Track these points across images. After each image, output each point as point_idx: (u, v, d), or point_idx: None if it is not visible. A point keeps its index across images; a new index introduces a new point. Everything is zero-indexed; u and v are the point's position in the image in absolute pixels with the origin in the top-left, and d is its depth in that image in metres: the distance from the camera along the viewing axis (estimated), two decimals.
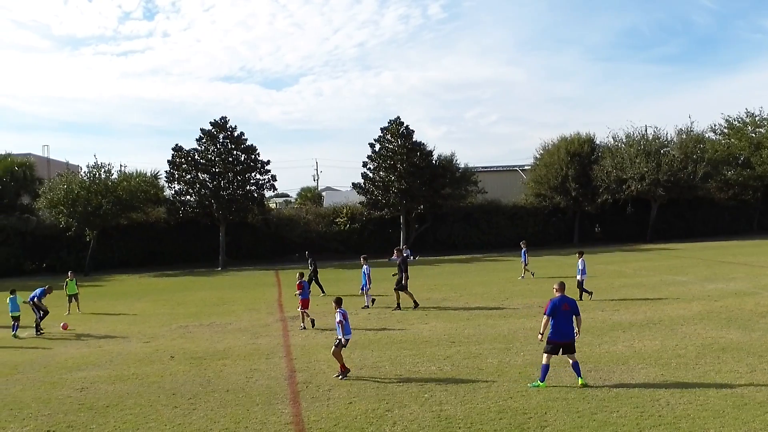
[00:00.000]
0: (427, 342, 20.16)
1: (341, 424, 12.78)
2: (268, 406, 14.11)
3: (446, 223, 64.76)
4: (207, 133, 58.59)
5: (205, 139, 58.63)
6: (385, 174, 61.26)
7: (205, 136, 58.60)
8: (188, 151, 58.52)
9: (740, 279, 31.77)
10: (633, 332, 20.22)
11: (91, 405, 14.80)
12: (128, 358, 19.91)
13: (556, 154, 66.95)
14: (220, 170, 57.90)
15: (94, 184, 54.05)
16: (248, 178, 59.03)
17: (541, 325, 15.10)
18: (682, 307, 24.27)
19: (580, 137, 68.48)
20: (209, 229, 58.87)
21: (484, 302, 28.11)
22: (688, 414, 12.32)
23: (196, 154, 58.47)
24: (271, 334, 23.00)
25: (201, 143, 58.78)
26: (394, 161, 60.89)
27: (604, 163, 64.66)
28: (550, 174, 65.90)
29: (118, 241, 57.60)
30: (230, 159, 58.33)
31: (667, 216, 67.31)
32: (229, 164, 58.00)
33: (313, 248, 58.38)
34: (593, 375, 15.24)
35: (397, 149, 61.35)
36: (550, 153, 68.19)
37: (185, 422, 13.30)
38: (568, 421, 12.29)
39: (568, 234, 66.71)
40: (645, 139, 65.97)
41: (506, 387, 14.64)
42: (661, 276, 34.44)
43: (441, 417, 12.83)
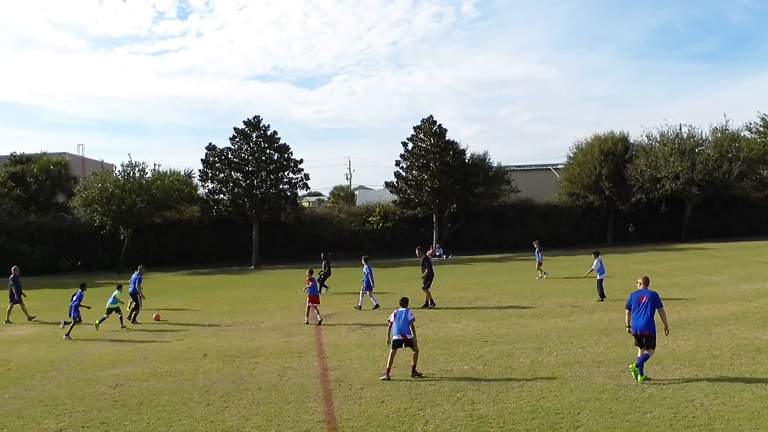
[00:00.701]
0: (460, 341, 20.13)
1: (373, 422, 12.79)
2: (300, 404, 14.15)
3: (479, 222, 64.62)
4: (240, 132, 58.82)
5: (238, 138, 58.86)
6: (417, 173, 61.25)
7: (238, 135, 58.83)
8: (222, 150, 58.76)
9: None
10: None
11: (125, 402, 14.91)
12: (162, 355, 20.03)
13: (589, 152, 66.64)
14: (253, 169, 58.13)
15: (128, 182, 54.46)
16: (281, 176, 59.17)
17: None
18: (717, 308, 24.08)
19: (614, 136, 68.11)
20: (242, 227, 59.11)
21: (516, 301, 28.03)
22: (722, 415, 12.23)
23: (230, 153, 58.70)
24: (304, 332, 23.05)
25: (234, 142, 59.03)
26: (426, 160, 60.85)
27: (638, 162, 64.24)
28: (583, 173, 65.62)
29: (152, 239, 57.95)
30: (263, 158, 58.51)
31: (702, 215, 66.75)
32: (262, 163, 58.19)
33: (346, 247, 58.73)
34: (626, 375, 15.14)
35: (429, 148, 61.33)
36: (583, 152, 67.89)
37: (218, 420, 13.36)
38: (601, 421, 12.22)
39: (602, 233, 66.39)
40: (679, 138, 65.48)
41: (539, 386, 14.59)
42: (695, 276, 34.18)
43: (473, 416, 12.81)
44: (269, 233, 60.07)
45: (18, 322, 28.55)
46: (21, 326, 27.30)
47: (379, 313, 26.30)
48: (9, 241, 54.67)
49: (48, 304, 34.34)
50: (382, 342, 20.09)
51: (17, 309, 29.65)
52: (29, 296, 31.79)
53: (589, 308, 25.15)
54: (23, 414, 14.35)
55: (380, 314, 25.95)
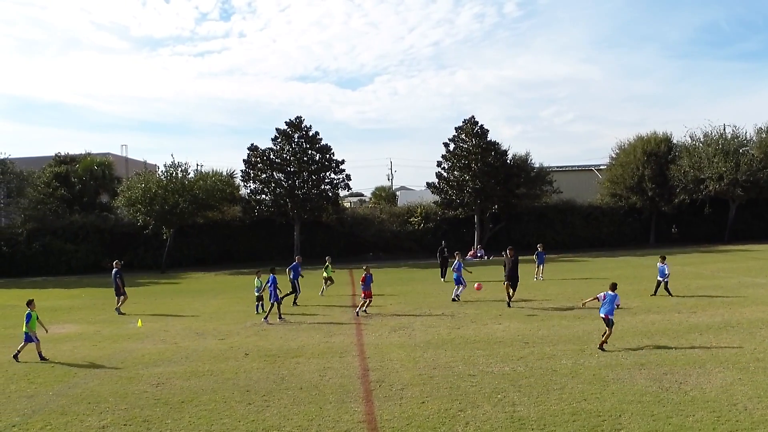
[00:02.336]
0: (501, 342, 20.07)
1: (414, 423, 12.79)
2: (340, 404, 14.18)
3: (521, 222, 64.38)
4: (282, 132, 59.09)
5: (280, 139, 59.14)
6: (459, 173, 61.21)
7: (280, 136, 59.11)
8: (264, 150, 59.08)
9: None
10: (710, 335, 19.91)
11: (167, 400, 15.02)
12: (203, 354, 20.15)
13: (632, 153, 66.21)
14: (295, 169, 58.36)
15: (171, 182, 54.86)
16: (323, 177, 59.39)
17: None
18: (761, 310, 23.83)
19: (656, 136, 67.59)
20: (284, 227, 59.36)
21: (558, 303, 27.90)
22: (766, 420, 12.11)
23: (272, 154, 58.99)
24: (345, 332, 23.08)
25: (276, 143, 59.31)
26: (468, 161, 60.77)
27: (682, 163, 63.71)
28: (626, 173, 65.22)
29: (194, 239, 58.39)
30: (305, 158, 58.76)
31: (746, 216, 66.08)
32: (304, 163, 58.42)
33: (387, 248, 58.73)
34: (668, 378, 15.05)
35: (471, 149, 61.22)
36: (626, 152, 67.46)
37: (258, 419, 13.43)
38: (642, 424, 12.15)
39: (645, 234, 65.89)
40: (723, 138, 64.80)
41: (580, 389, 14.52)
42: (739, 278, 33.85)
43: (514, 418, 12.78)
44: (311, 233, 60.26)
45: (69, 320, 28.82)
46: (65, 324, 27.53)
47: (421, 313, 26.32)
48: (53, 241, 55.39)
49: (92, 302, 34.67)
50: (423, 342, 20.18)
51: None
52: (74, 294, 32.08)
53: (631, 310, 24.97)
54: (66, 411, 14.51)
55: (421, 315, 25.97)
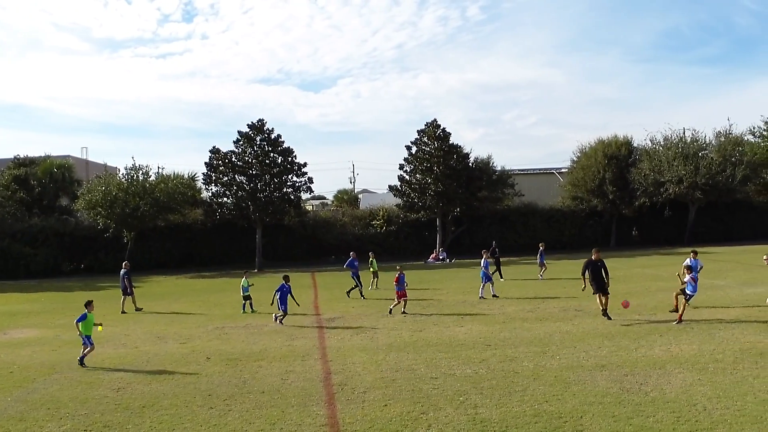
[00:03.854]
0: (463, 345, 20.11)
1: (376, 426, 12.78)
2: (303, 407, 14.14)
3: (483, 225, 64.64)
4: (244, 135, 58.97)
5: (242, 141, 59.01)
6: (421, 176, 61.45)
7: (242, 138, 58.99)
8: (225, 153, 58.95)
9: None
10: (670, 336, 20.07)
11: (128, 405, 14.90)
12: (164, 358, 20.03)
13: (593, 156, 66.82)
14: (257, 172, 58.27)
15: (132, 185, 54.63)
16: (285, 180, 59.34)
17: None
18: (720, 312, 24.06)
19: (617, 140, 68.25)
20: (246, 230, 59.26)
21: (520, 305, 28.01)
22: (725, 419, 12.21)
23: (234, 156, 58.89)
24: (307, 335, 23.04)
25: (238, 145, 59.19)
26: (430, 164, 61.02)
27: (642, 166, 64.36)
28: (587, 177, 65.79)
29: (156, 242, 58.10)
30: (267, 161, 58.68)
31: (706, 219, 66.87)
32: (266, 166, 58.34)
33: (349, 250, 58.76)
34: (629, 379, 15.15)
35: (433, 152, 61.51)
36: (587, 155, 68.07)
37: (221, 423, 13.36)
38: (604, 425, 12.21)
39: (606, 237, 66.37)
40: (683, 142, 65.58)
41: (542, 390, 14.58)
42: (699, 280, 34.11)
43: (476, 420, 12.80)
44: (273, 236, 60.19)
45: (27, 324, 28.54)
46: (24, 329, 27.30)
47: (382, 316, 26.34)
48: (12, 244, 54.88)
49: (51, 306, 34.38)
50: (385, 345, 20.20)
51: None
52: (33, 299, 31.82)
53: (592, 312, 25.12)
54: (25, 417, 14.35)
55: (384, 317, 26.00)
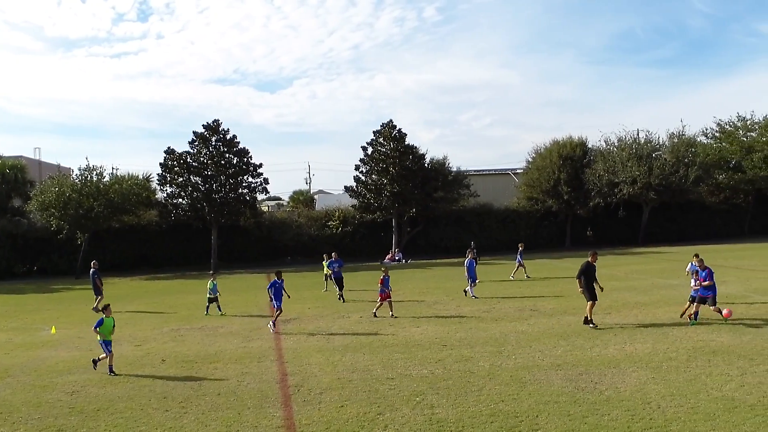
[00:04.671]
0: (419, 345, 20.14)
1: (333, 427, 12.76)
2: (259, 409, 14.09)
3: (438, 226, 64.87)
4: (199, 135, 58.64)
5: (197, 142, 58.68)
6: (377, 177, 61.49)
7: (197, 139, 58.65)
8: (180, 153, 58.58)
9: (731, 282, 31.78)
10: (624, 335, 20.24)
11: (82, 408, 14.75)
12: (119, 361, 19.81)
13: (548, 157, 67.24)
14: (212, 173, 57.98)
15: (85, 186, 54.08)
16: (240, 180, 59.15)
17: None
18: (674, 311, 24.26)
19: (572, 141, 68.78)
20: (201, 232, 58.93)
21: (475, 305, 28.10)
22: (678, 417, 12.34)
23: (189, 157, 58.55)
24: (263, 337, 22.96)
25: (193, 146, 58.85)
26: (386, 164, 61.06)
27: (597, 167, 64.92)
28: (542, 177, 66.17)
29: (110, 243, 57.50)
30: (222, 162, 58.41)
31: (659, 219, 67.62)
32: (221, 167, 58.07)
33: (305, 251, 58.58)
34: (584, 378, 15.26)
35: (389, 152, 61.56)
36: (542, 156, 68.48)
37: (176, 426, 13.27)
38: (559, 424, 12.29)
39: (561, 237, 66.84)
40: (637, 143, 66.30)
41: (498, 390, 14.63)
42: (652, 279, 34.50)
43: (432, 420, 12.82)
44: (228, 237, 59.92)
45: None
46: None
47: (340, 317, 26.32)
48: None
49: (3, 310, 34.00)
50: (342, 346, 20.18)
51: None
52: None
53: (547, 312, 25.29)
54: None
55: (340, 318, 25.99)
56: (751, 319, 22.00)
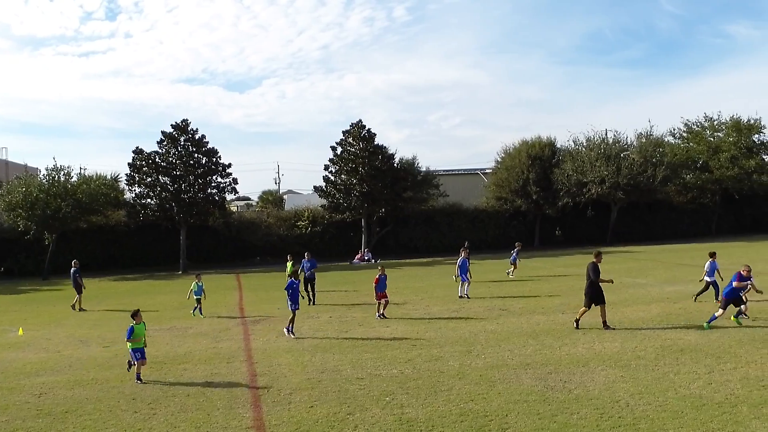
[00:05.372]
0: (389, 345, 20.15)
1: (302, 427, 12.74)
2: (229, 410, 14.04)
3: (408, 226, 64.90)
4: (168, 135, 58.24)
5: (166, 142, 58.27)
6: (346, 177, 61.37)
7: (166, 139, 58.25)
8: (149, 153, 58.09)
9: (699, 281, 32.04)
10: (593, 334, 20.35)
11: (50, 411, 14.64)
12: (87, 362, 19.72)
13: (517, 157, 67.38)
14: (181, 173, 57.58)
15: (53, 186, 53.61)
16: (209, 181, 58.78)
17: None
18: (642, 309, 24.46)
19: (541, 141, 68.95)
20: (170, 232, 58.57)
21: (445, 305, 28.15)
22: (647, 415, 12.42)
23: (157, 157, 58.08)
24: (232, 338, 22.89)
25: (162, 146, 58.42)
26: (355, 164, 60.98)
27: (565, 167, 65.13)
28: (511, 177, 66.29)
29: (78, 244, 56.88)
30: (191, 162, 58.07)
31: (627, 219, 67.97)
32: (190, 167, 57.72)
33: (274, 252, 58.42)
34: (553, 377, 15.32)
35: (358, 152, 61.48)
36: (511, 156, 68.62)
37: (145, 427, 13.20)
38: (528, 423, 12.33)
39: (529, 237, 66.88)
40: (605, 143, 66.63)
41: (467, 390, 14.66)
42: (620, 278, 34.57)
43: (402, 420, 12.83)
44: (197, 238, 59.56)
45: None
46: None
47: (309, 317, 26.26)
48: None
49: None
50: (311, 347, 20.16)
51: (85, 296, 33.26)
52: None
53: (516, 311, 25.38)
54: None
55: (309, 319, 25.93)
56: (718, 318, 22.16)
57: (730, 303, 20.94)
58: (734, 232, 70.05)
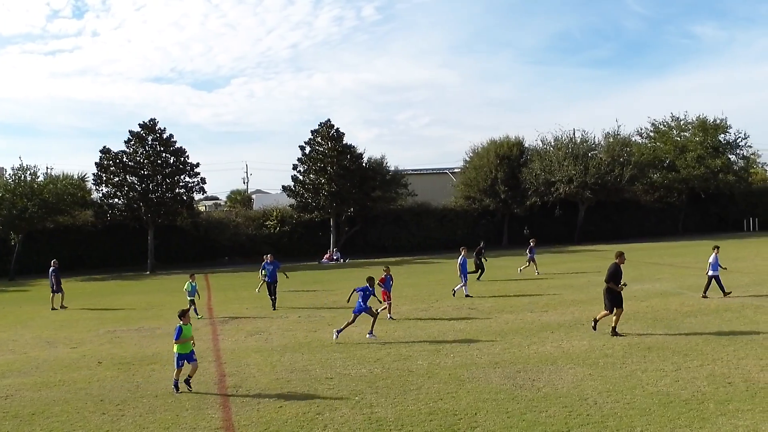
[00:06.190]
0: (358, 344, 20.15)
1: (272, 427, 12.71)
2: (197, 411, 13.99)
3: (376, 225, 64.98)
4: (135, 135, 57.93)
5: (133, 141, 57.95)
6: (315, 176, 61.30)
7: (133, 138, 57.93)
8: (116, 153, 57.71)
9: (665, 279, 32.30)
10: (561, 333, 20.45)
11: (16, 413, 14.51)
12: (55, 364, 19.58)
13: (485, 156, 67.64)
14: (148, 173, 57.30)
15: (19, 186, 53.24)
16: (177, 180, 58.52)
17: None
18: None
19: (509, 140, 69.25)
20: (138, 232, 58.24)
21: (413, 304, 28.22)
22: (615, 413, 12.49)
23: (125, 157, 57.74)
24: (201, 338, 22.75)
25: (129, 145, 58.10)
26: (324, 164, 60.95)
27: (533, 166, 65.50)
28: (479, 176, 66.55)
29: (44, 245, 56.44)
30: (159, 161, 57.80)
31: (595, 218, 68.42)
32: (158, 167, 57.45)
33: (243, 251, 58.29)
34: (522, 375, 15.38)
35: (327, 152, 61.45)
36: (479, 156, 68.88)
37: (113, 429, 13.12)
38: (497, 421, 12.37)
39: (498, 236, 67.17)
40: (573, 143, 67.09)
41: (436, 388, 14.69)
42: (588, 277, 34.87)
43: (372, 419, 12.84)
44: (165, 238, 59.26)
45: None
46: None
47: (276, 317, 26.22)
48: None
49: None
50: (280, 347, 20.13)
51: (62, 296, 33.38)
52: None
53: (485, 310, 25.46)
54: None
55: (278, 318, 25.89)
56: (685, 316, 22.35)
57: None
58: (700, 231, 70.75)
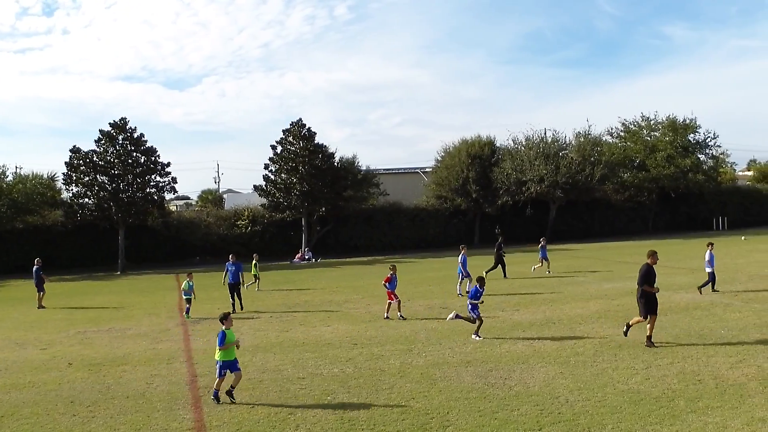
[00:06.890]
0: (330, 344, 20.14)
1: (244, 428, 12.69)
2: (169, 411, 13.93)
3: (348, 225, 64.96)
4: (106, 134, 57.60)
5: (103, 141, 57.61)
6: (286, 176, 61.23)
7: (103, 138, 57.59)
8: (86, 152, 57.35)
9: (636, 278, 32.43)
10: (533, 331, 20.52)
11: None
12: (24, 365, 19.42)
13: (457, 156, 67.72)
14: (119, 172, 56.97)
15: None
16: (148, 180, 58.24)
17: None
18: (581, 306, 24.73)
19: (480, 140, 69.39)
20: (108, 232, 57.89)
21: (385, 304, 28.17)
22: (586, 410, 12.56)
23: (95, 156, 57.38)
24: (172, 338, 22.71)
25: (100, 145, 57.74)
26: (295, 163, 60.89)
27: (504, 166, 65.67)
28: (451, 176, 66.63)
29: (14, 245, 56.07)
30: (130, 161, 57.50)
31: (566, 217, 68.74)
32: (128, 166, 57.14)
33: (214, 251, 58.05)
34: (494, 374, 15.43)
35: (299, 151, 61.40)
36: (451, 155, 68.95)
37: (84, 431, 13.03)
38: (470, 420, 12.40)
39: (469, 235, 67.20)
40: (544, 142, 67.31)
41: (408, 388, 14.71)
42: (559, 276, 35.03)
43: (344, 419, 12.83)
44: (136, 238, 58.94)
45: None
46: None
47: (250, 317, 26.16)
48: None
49: None
50: (252, 346, 20.05)
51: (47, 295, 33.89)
52: None
53: (456, 309, 25.47)
54: None
55: (250, 318, 25.83)
56: None
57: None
58: (670, 230, 71.37)
